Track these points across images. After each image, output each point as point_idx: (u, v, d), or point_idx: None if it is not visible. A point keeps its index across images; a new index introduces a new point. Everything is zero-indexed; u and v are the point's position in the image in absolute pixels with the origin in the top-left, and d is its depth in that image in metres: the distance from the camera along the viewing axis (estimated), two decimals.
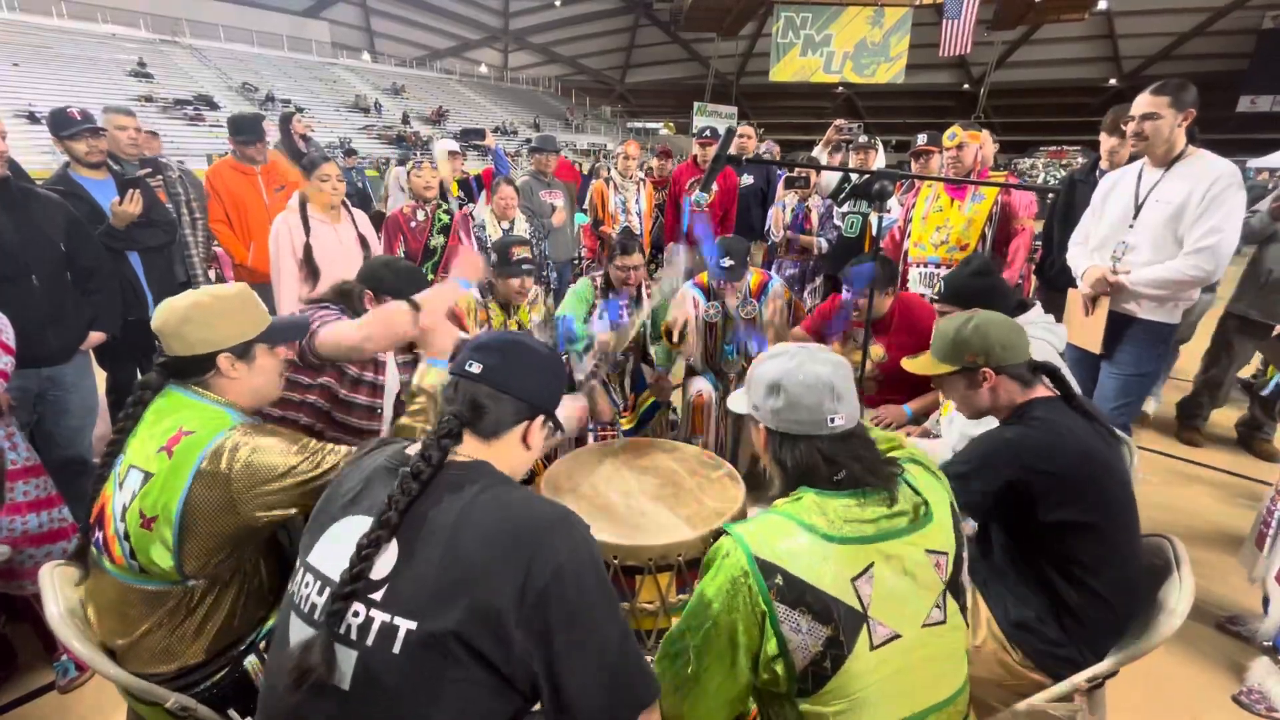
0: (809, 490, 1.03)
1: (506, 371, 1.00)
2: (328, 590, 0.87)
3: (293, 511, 1.20)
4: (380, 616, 0.82)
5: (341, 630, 0.84)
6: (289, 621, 0.91)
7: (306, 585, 0.90)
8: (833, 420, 1.03)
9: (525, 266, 2.51)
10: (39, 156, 10.84)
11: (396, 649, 0.80)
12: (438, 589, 0.82)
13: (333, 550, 0.90)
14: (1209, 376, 3.49)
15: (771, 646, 0.94)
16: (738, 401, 1.21)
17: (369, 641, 0.82)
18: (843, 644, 0.93)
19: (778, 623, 0.93)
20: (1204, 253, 2.14)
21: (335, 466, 1.19)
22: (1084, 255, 2.51)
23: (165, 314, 1.27)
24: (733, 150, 4.43)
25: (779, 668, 0.94)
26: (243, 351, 1.32)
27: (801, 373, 1.04)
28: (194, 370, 1.29)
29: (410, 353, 2.12)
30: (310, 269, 2.75)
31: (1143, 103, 2.26)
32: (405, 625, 0.81)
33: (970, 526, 1.56)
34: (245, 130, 3.36)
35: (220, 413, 1.25)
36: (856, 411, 1.07)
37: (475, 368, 0.99)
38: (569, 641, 0.83)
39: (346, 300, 1.89)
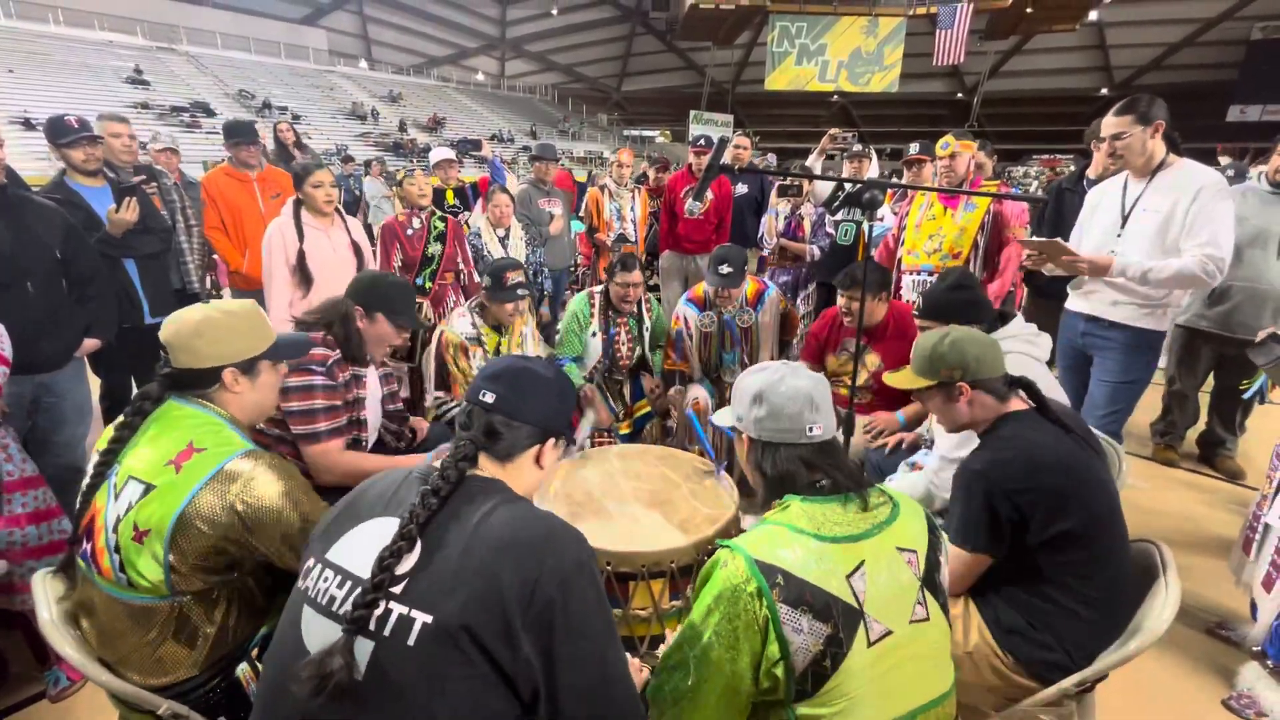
0: (794, 498, 1.07)
1: (518, 399, 1.05)
2: (349, 584, 0.90)
3: (265, 558, 1.22)
4: (399, 609, 0.85)
5: None
6: (300, 616, 0.92)
7: (325, 579, 0.92)
8: (811, 429, 1.10)
9: (520, 291, 2.52)
10: (34, 163, 10.82)
11: (411, 641, 0.83)
12: (454, 586, 0.85)
13: (358, 548, 0.93)
14: (1174, 391, 3.46)
15: (773, 650, 0.96)
16: (723, 416, 1.27)
17: (386, 632, 0.84)
18: (842, 641, 0.95)
19: (780, 625, 0.95)
20: (1214, 259, 2.14)
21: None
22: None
23: (176, 326, 1.28)
24: (728, 160, 4.48)
25: (779, 671, 0.96)
26: (248, 367, 1.34)
27: (783, 385, 1.12)
28: (198, 383, 1.30)
29: (395, 359, 2.13)
30: (303, 276, 2.75)
31: (1109, 124, 2.30)
32: (421, 618, 0.84)
33: None
34: (239, 133, 3.39)
35: (227, 430, 1.26)
36: (834, 425, 1.14)
37: (489, 397, 1.04)
38: (568, 651, 0.86)
39: (342, 324, 1.88)
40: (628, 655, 1.15)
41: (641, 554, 1.57)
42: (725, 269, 2.75)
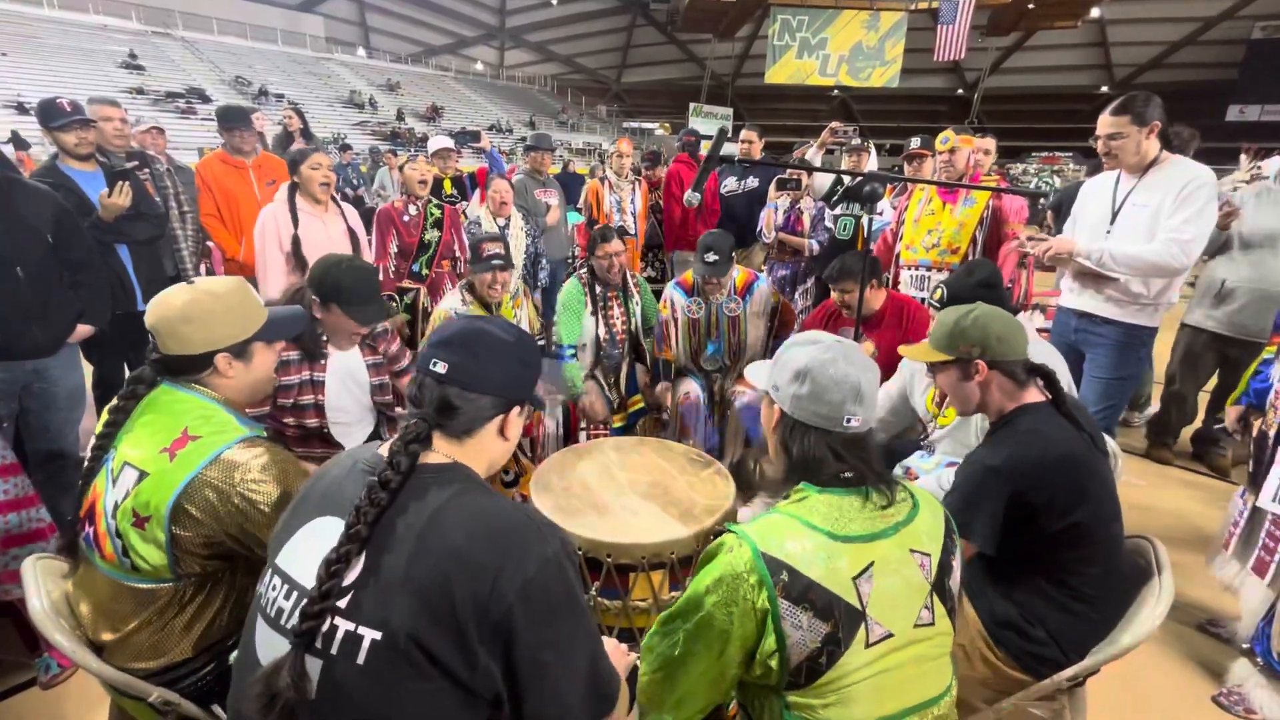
0: (812, 489, 1.03)
1: (474, 367, 0.94)
2: (295, 595, 0.84)
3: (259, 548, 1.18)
4: (345, 625, 0.79)
5: None
6: (255, 625, 0.89)
7: (274, 588, 0.87)
8: (849, 421, 1.03)
9: (495, 261, 2.50)
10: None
11: (361, 659, 0.77)
12: (402, 599, 0.78)
13: (304, 552, 0.87)
14: (1173, 391, 3.44)
15: (770, 643, 0.94)
16: (757, 373, 1.20)
17: (333, 650, 0.79)
18: (840, 641, 0.94)
19: (779, 620, 0.93)
20: (1179, 242, 2.16)
21: None
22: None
23: (160, 311, 1.22)
24: (739, 155, 4.49)
25: (774, 663, 0.95)
26: (240, 350, 1.29)
27: (833, 367, 1.03)
28: (190, 369, 1.25)
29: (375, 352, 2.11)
30: (298, 260, 2.73)
31: (1105, 123, 2.28)
32: (370, 635, 0.78)
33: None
34: (233, 118, 3.37)
35: (222, 414, 1.23)
36: (874, 418, 1.07)
37: (440, 367, 0.92)
38: (532, 658, 0.81)
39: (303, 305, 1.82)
40: (617, 643, 1.14)
41: (641, 545, 1.57)
42: (711, 257, 2.74)
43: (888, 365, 2.43)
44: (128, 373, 3.17)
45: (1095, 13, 24.90)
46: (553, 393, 2.79)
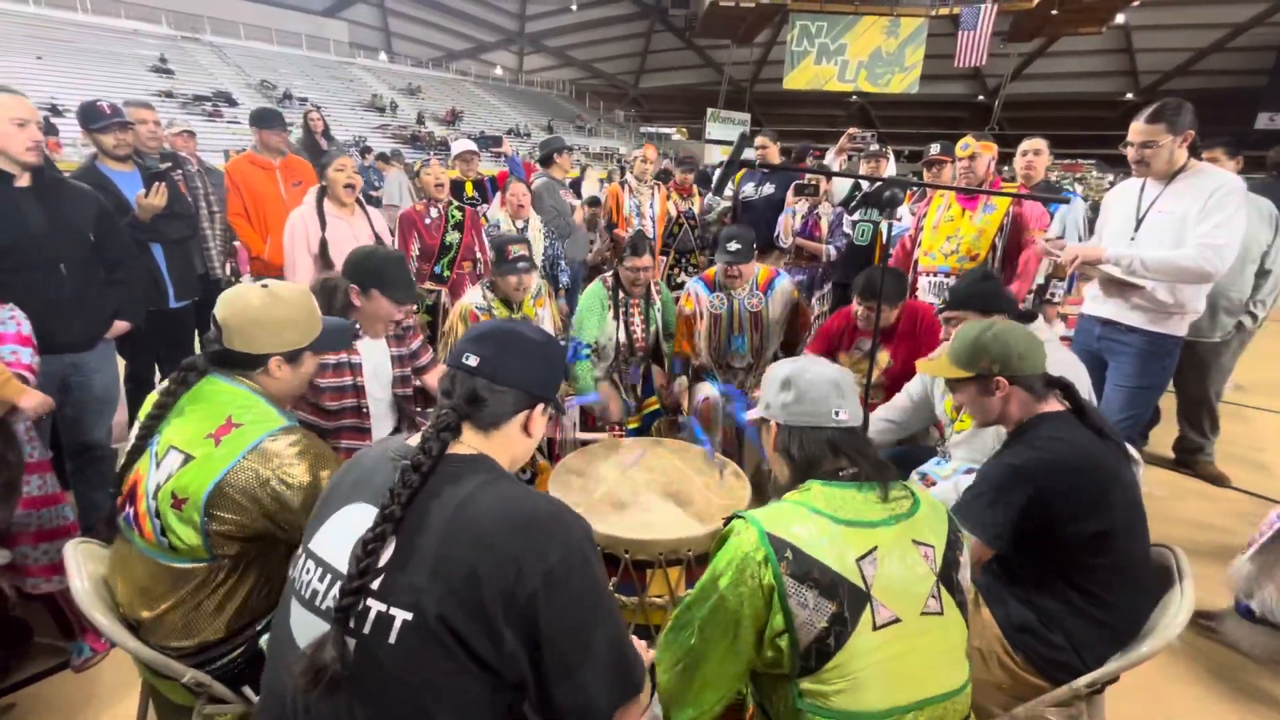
0: (816, 482, 1.09)
1: (503, 362, 1.00)
2: (329, 578, 0.88)
3: (291, 535, 1.22)
4: (377, 606, 0.82)
5: None
6: (290, 608, 0.92)
7: (308, 571, 0.91)
8: (838, 414, 1.12)
9: (521, 265, 2.52)
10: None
11: (392, 639, 0.81)
12: (431, 582, 0.82)
13: (336, 537, 0.91)
14: None
15: (778, 621, 0.98)
16: (752, 411, 1.29)
17: (365, 630, 0.82)
18: (847, 620, 0.97)
19: (785, 598, 0.97)
20: (1213, 248, 2.13)
21: None
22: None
23: (237, 308, 1.31)
24: (755, 159, 4.51)
25: (784, 643, 0.98)
26: (293, 357, 1.39)
27: (810, 371, 1.16)
28: (244, 365, 1.34)
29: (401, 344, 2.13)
30: (325, 263, 2.80)
31: (1139, 131, 2.25)
32: (401, 616, 0.81)
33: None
34: (267, 117, 3.46)
35: (264, 405, 1.30)
36: (860, 414, 1.15)
37: (472, 360, 0.99)
38: (558, 646, 0.84)
39: (326, 299, 1.88)
40: (634, 639, 1.17)
41: (659, 541, 1.60)
42: (733, 245, 2.77)
43: (904, 375, 2.43)
44: (159, 369, 3.25)
45: (1121, 18, 24.57)
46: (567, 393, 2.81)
